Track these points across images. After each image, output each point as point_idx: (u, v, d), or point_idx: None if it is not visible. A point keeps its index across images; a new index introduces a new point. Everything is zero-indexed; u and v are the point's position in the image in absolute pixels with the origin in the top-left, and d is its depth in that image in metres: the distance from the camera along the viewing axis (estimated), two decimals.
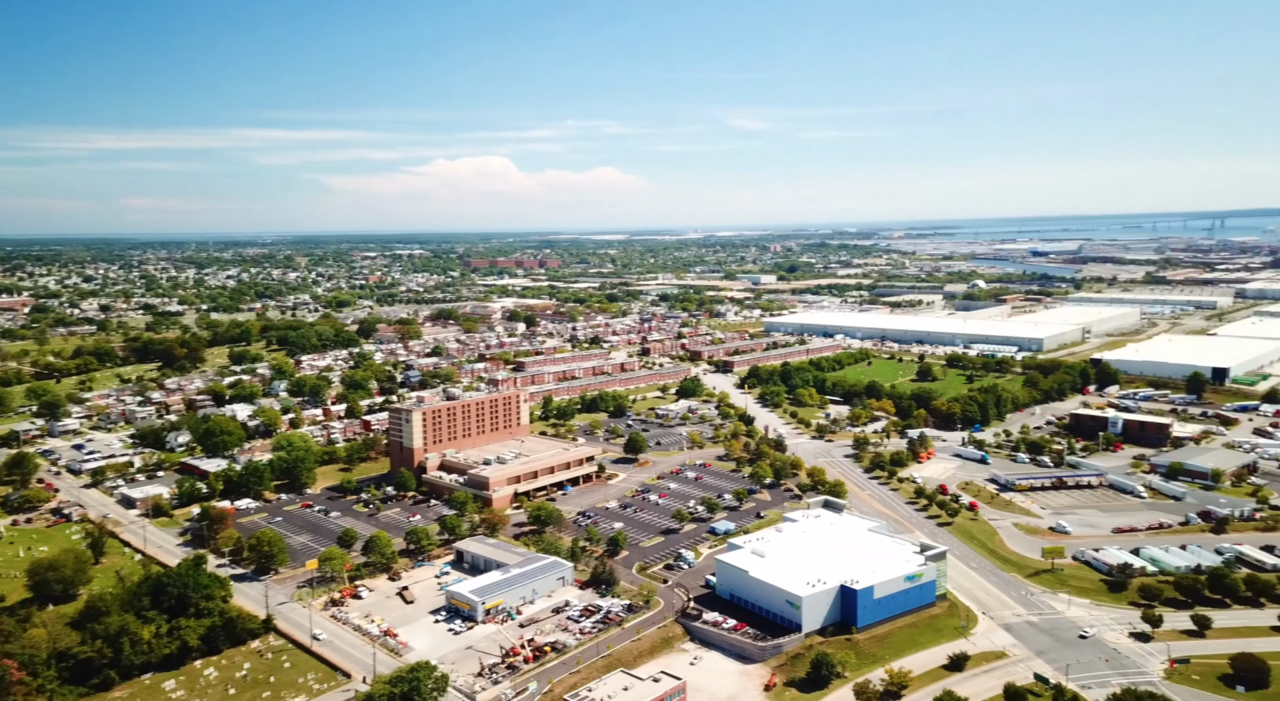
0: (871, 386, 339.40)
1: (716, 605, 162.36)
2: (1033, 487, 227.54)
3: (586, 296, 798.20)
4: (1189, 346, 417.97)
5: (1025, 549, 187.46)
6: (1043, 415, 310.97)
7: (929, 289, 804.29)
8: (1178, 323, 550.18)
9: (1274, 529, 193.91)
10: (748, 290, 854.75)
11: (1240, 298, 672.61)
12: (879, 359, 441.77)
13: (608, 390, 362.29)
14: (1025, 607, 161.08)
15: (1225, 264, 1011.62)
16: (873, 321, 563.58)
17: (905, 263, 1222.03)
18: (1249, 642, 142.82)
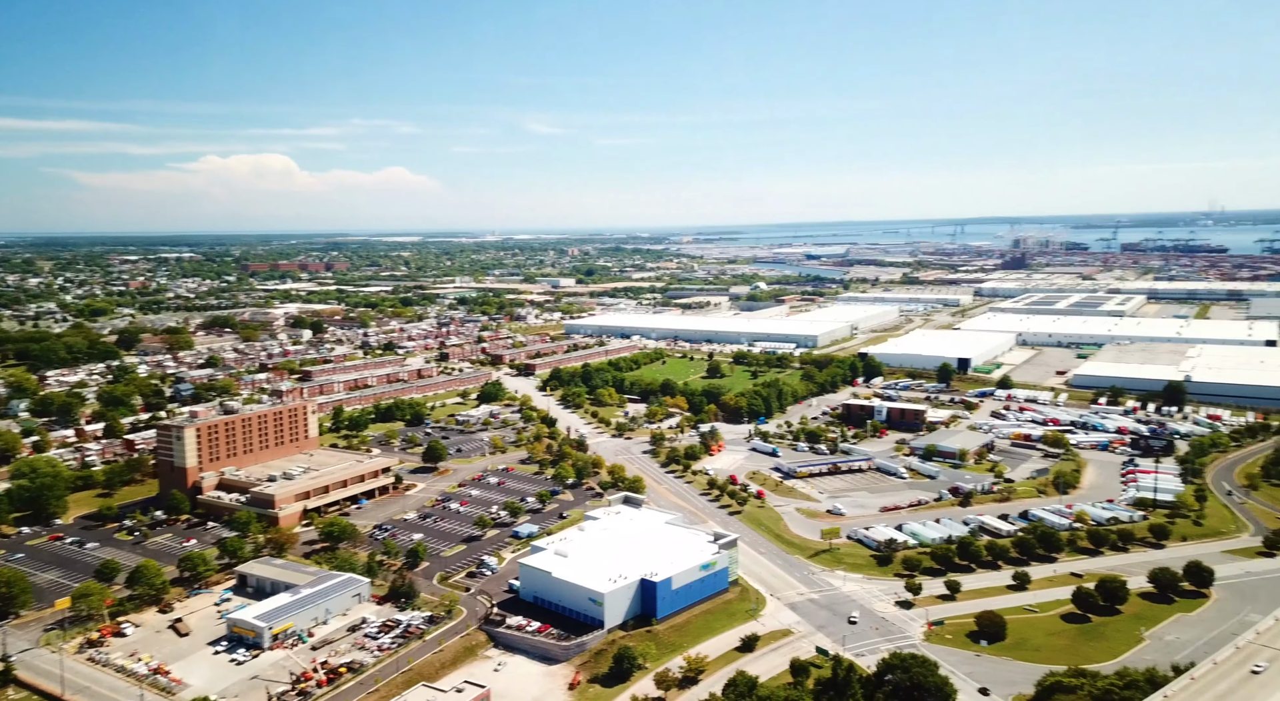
0: (666, 384, 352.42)
1: (521, 609, 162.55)
2: (812, 474, 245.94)
3: (379, 300, 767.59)
4: (938, 340, 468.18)
5: (806, 531, 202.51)
6: (819, 406, 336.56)
7: (716, 291, 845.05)
8: (929, 319, 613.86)
9: (1008, 500, 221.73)
10: (548, 293, 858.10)
11: (978, 296, 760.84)
12: (673, 358, 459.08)
13: (404, 398, 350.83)
14: (808, 586, 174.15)
15: (966, 266, 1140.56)
16: (666, 322, 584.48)
17: (694, 266, 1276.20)
18: (990, 601, 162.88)
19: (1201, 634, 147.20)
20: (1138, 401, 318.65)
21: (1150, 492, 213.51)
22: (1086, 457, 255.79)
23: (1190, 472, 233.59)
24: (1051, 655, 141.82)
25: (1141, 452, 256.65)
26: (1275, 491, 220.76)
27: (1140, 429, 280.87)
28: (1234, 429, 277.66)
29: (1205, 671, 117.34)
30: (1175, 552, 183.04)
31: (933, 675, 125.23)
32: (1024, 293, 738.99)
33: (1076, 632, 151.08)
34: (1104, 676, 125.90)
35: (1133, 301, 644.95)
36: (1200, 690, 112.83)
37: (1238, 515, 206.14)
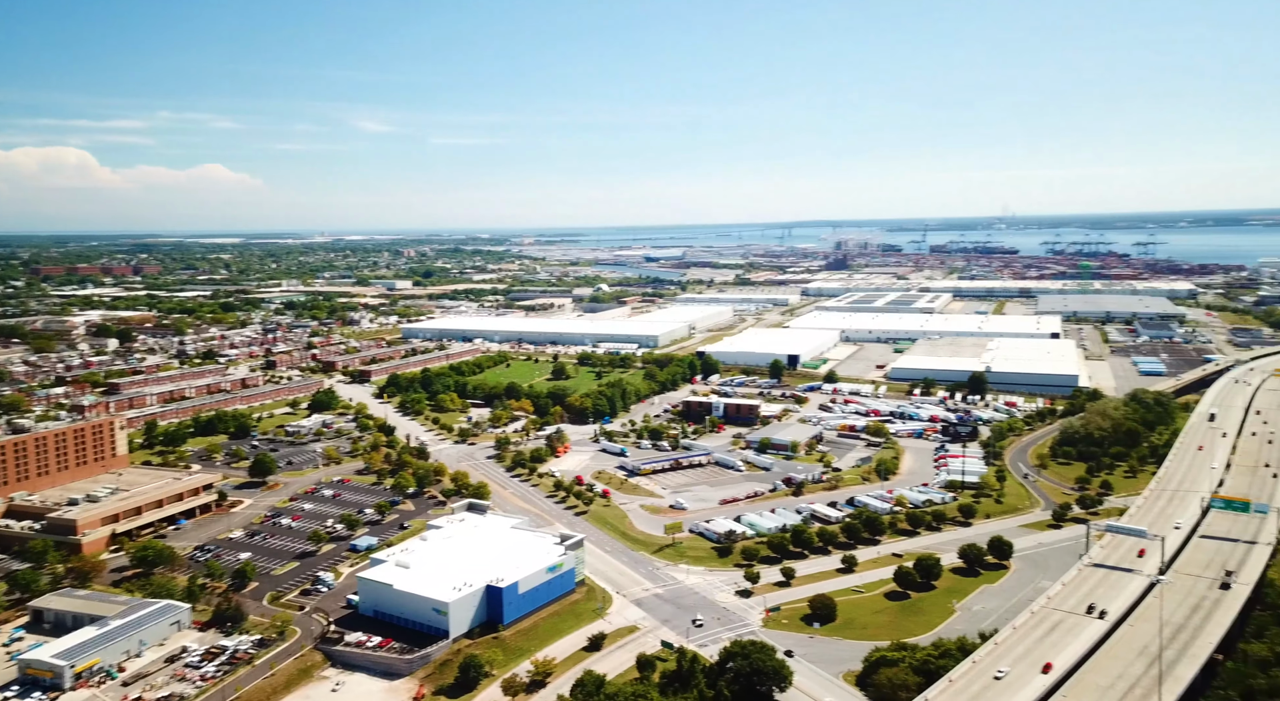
0: (511, 387, 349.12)
1: (361, 624, 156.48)
2: (655, 471, 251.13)
3: (196, 306, 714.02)
4: (770, 338, 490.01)
5: (651, 527, 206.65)
6: (661, 404, 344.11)
7: (559, 292, 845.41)
8: (761, 318, 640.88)
9: (836, 487, 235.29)
10: (383, 296, 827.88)
11: (805, 295, 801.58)
12: (517, 360, 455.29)
13: (227, 409, 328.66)
14: (653, 582, 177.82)
15: (794, 267, 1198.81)
16: (509, 325, 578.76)
17: (537, 268, 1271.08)
18: (822, 585, 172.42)
19: (1003, 602, 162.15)
20: (947, 391, 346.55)
21: (959, 475, 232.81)
22: (904, 445, 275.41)
23: (992, 455, 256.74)
24: (877, 632, 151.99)
25: (951, 439, 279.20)
26: (1061, 469, 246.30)
27: (949, 417, 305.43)
28: (1027, 414, 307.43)
29: (1006, 636, 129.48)
30: (981, 529, 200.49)
31: (771, 659, 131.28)
32: (846, 292, 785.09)
33: (898, 609, 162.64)
34: (922, 648, 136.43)
35: (941, 299, 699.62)
36: (1002, 653, 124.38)
37: (1031, 492, 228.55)
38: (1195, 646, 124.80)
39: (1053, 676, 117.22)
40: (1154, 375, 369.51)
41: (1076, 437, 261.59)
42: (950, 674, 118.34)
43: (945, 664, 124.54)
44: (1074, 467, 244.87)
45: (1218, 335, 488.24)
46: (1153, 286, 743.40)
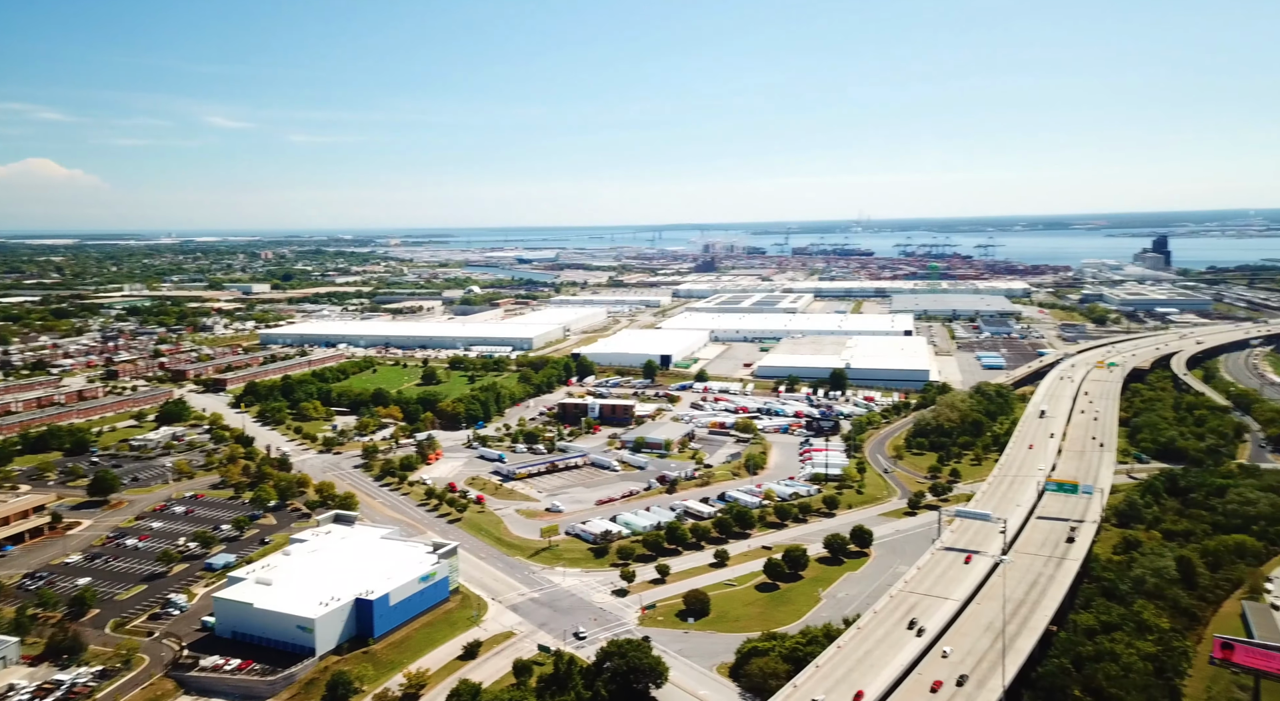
0: (378, 394, 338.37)
1: (218, 647, 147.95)
2: (531, 475, 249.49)
3: (23, 312, 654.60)
4: (643, 339, 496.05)
5: (527, 532, 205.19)
6: (536, 407, 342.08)
7: (428, 295, 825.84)
8: (634, 319, 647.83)
9: (708, 484, 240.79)
10: (238, 300, 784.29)
11: (676, 296, 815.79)
12: (384, 366, 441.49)
13: (61, 424, 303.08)
14: (529, 586, 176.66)
15: (664, 269, 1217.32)
16: (376, 329, 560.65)
17: (404, 270, 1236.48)
18: (696, 580, 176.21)
19: (865, 588, 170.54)
20: (810, 387, 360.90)
21: (823, 468, 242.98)
22: (772, 440, 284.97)
23: (853, 448, 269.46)
24: (748, 623, 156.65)
25: (815, 433, 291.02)
26: (916, 459, 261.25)
27: (813, 412, 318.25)
28: (884, 408, 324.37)
29: (868, 620, 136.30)
30: (844, 519, 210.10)
31: (647, 657, 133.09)
32: (715, 293, 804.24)
33: (768, 600, 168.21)
34: (791, 636, 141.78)
35: (803, 299, 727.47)
36: (864, 637, 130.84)
37: (889, 482, 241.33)
38: (1034, 619, 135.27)
39: (907, 655, 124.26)
40: (995, 369, 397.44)
41: (929, 429, 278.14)
42: (817, 660, 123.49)
43: (813, 650, 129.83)
44: (927, 457, 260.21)
45: (1049, 330, 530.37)
46: (993, 286, 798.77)
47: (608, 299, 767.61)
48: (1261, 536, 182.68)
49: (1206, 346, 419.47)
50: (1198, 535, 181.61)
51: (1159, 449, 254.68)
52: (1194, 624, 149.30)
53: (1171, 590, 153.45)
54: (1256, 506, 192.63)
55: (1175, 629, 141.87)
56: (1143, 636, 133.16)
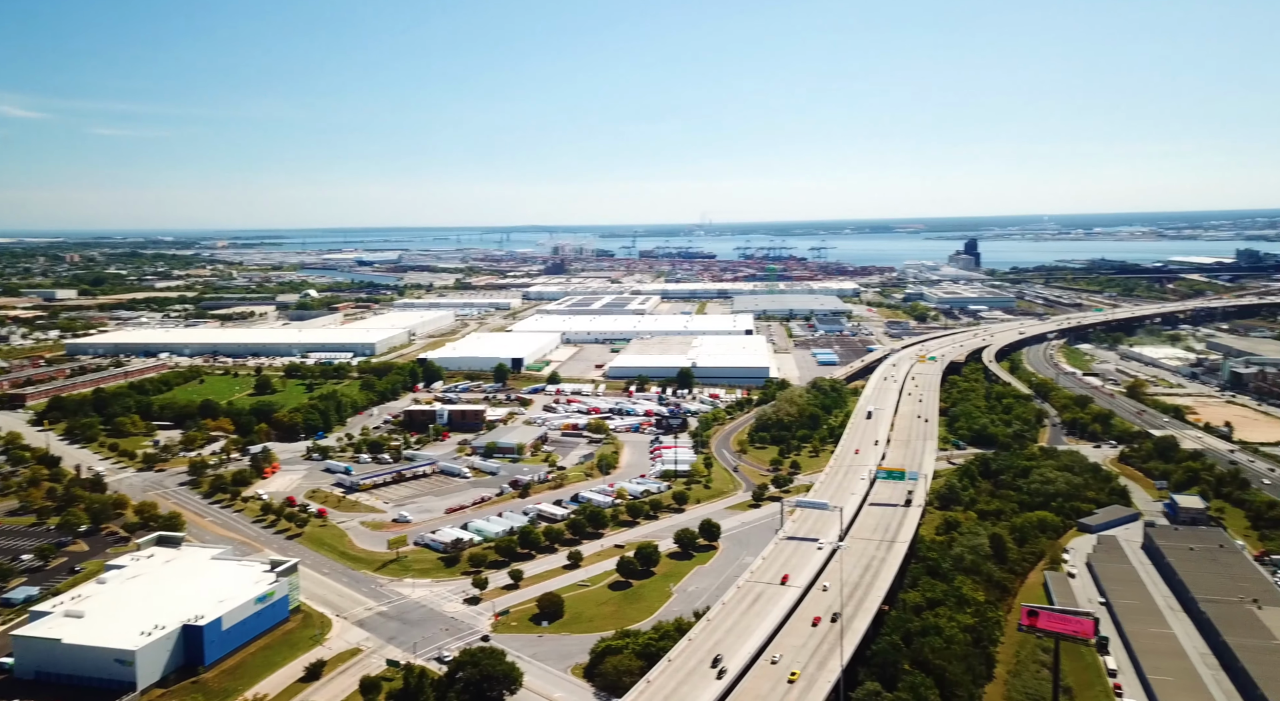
0: (206, 405, 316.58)
1: (18, 691, 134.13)
2: (376, 485, 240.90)
3: None
4: (493, 342, 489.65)
5: (373, 544, 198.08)
6: (380, 415, 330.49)
7: (261, 300, 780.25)
8: (483, 322, 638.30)
9: (562, 486, 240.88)
10: (39, 308, 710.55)
11: (526, 299, 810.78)
12: (212, 375, 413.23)
13: None
14: (376, 600, 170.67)
15: (514, 271, 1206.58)
16: (202, 336, 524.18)
17: (233, 273, 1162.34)
18: (550, 583, 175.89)
19: (714, 580, 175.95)
20: (659, 387, 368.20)
21: (672, 465, 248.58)
22: (623, 440, 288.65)
23: (700, 444, 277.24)
24: (603, 622, 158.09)
25: (664, 431, 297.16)
26: (759, 453, 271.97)
27: (662, 410, 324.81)
28: (728, 404, 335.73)
29: (717, 612, 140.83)
30: (693, 514, 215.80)
31: (500, 664, 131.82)
32: (565, 295, 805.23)
33: (621, 598, 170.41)
34: (644, 633, 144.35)
35: (651, 301, 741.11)
36: (714, 628, 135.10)
37: (734, 476, 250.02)
38: (868, 601, 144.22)
39: (755, 642, 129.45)
40: (829, 365, 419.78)
41: (770, 423, 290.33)
42: (669, 654, 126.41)
43: (665, 645, 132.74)
44: (769, 451, 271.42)
45: (877, 328, 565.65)
46: (826, 286, 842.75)
47: (455, 302, 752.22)
48: (1060, 512, 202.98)
49: (1012, 340, 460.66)
50: (1007, 513, 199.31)
51: (974, 435, 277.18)
52: (1005, 595, 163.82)
53: (986, 565, 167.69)
54: (1055, 485, 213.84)
55: (990, 601, 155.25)
56: (962, 609, 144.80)
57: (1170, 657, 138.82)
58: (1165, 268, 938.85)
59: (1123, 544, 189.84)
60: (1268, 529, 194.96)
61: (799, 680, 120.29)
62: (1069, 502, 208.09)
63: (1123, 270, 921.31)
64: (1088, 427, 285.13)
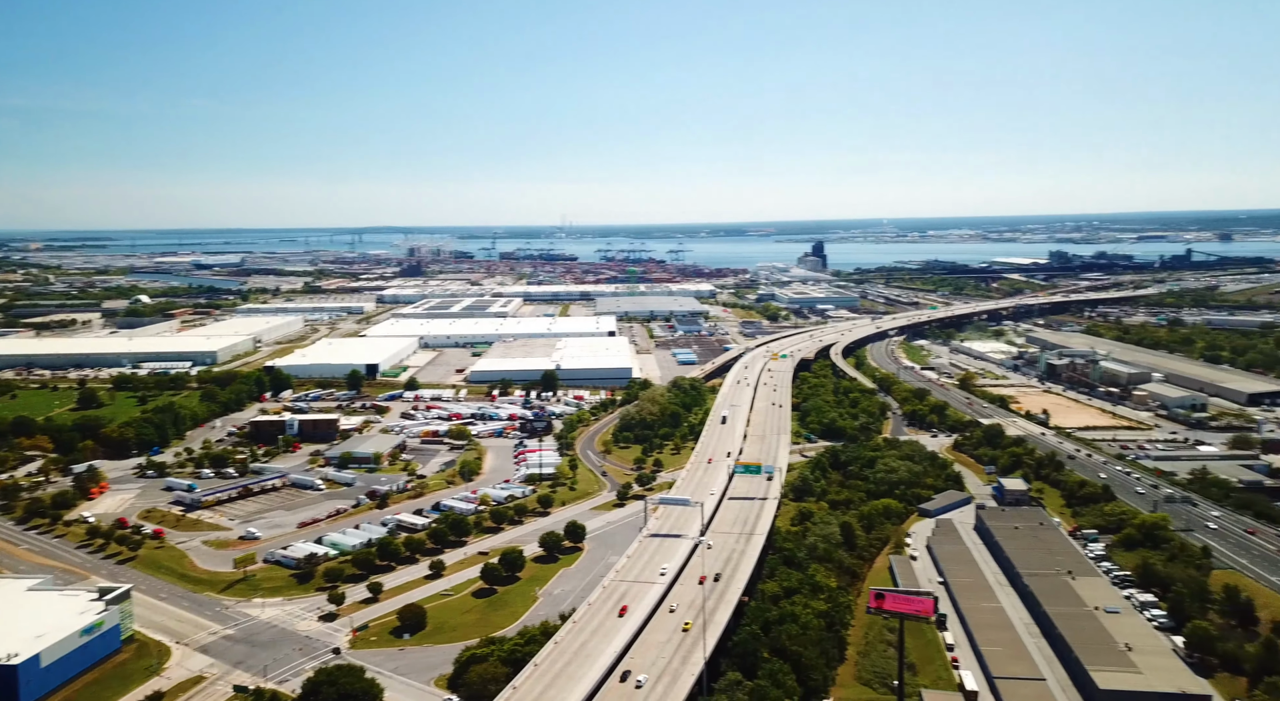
0: (20, 422, 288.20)
1: None
2: (220, 501, 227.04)
3: None
4: (346, 347, 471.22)
5: (217, 564, 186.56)
6: (224, 427, 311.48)
7: (84, 306, 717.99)
8: (335, 327, 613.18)
9: (422, 494, 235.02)
10: None
11: (381, 302, 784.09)
12: (27, 389, 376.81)
13: None
14: (221, 623, 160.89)
15: (367, 273, 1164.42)
16: (14, 347, 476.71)
17: (50, 278, 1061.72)
18: (411, 595, 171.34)
19: (580, 582, 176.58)
20: (523, 390, 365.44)
21: (537, 469, 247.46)
22: (486, 445, 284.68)
23: (565, 446, 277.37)
24: (467, 631, 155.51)
25: (529, 435, 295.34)
26: (623, 453, 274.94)
27: (526, 414, 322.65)
28: (593, 405, 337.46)
29: (582, 613, 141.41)
30: (559, 516, 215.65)
31: (359, 680, 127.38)
32: (423, 298, 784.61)
33: (486, 605, 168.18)
34: (510, 639, 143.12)
35: (513, 303, 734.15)
36: (579, 630, 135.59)
37: (599, 477, 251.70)
38: (729, 593, 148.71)
39: (620, 642, 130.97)
40: (689, 364, 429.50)
41: (633, 423, 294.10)
42: (535, 658, 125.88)
43: (531, 650, 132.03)
44: (632, 450, 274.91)
45: (732, 328, 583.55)
46: (684, 288, 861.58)
47: (304, 306, 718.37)
48: (902, 498, 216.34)
49: (857, 337, 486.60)
50: (856, 502, 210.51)
51: (823, 428, 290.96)
52: (855, 580, 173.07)
53: (837, 553, 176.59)
54: (898, 473, 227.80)
55: (841, 586, 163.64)
56: (816, 596, 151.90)
57: (999, 629, 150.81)
58: (990, 268, 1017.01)
59: (958, 526, 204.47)
60: (1079, 506, 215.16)
61: (664, 676, 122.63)
62: (911, 489, 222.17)
63: (953, 271, 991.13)
64: (925, 418, 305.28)
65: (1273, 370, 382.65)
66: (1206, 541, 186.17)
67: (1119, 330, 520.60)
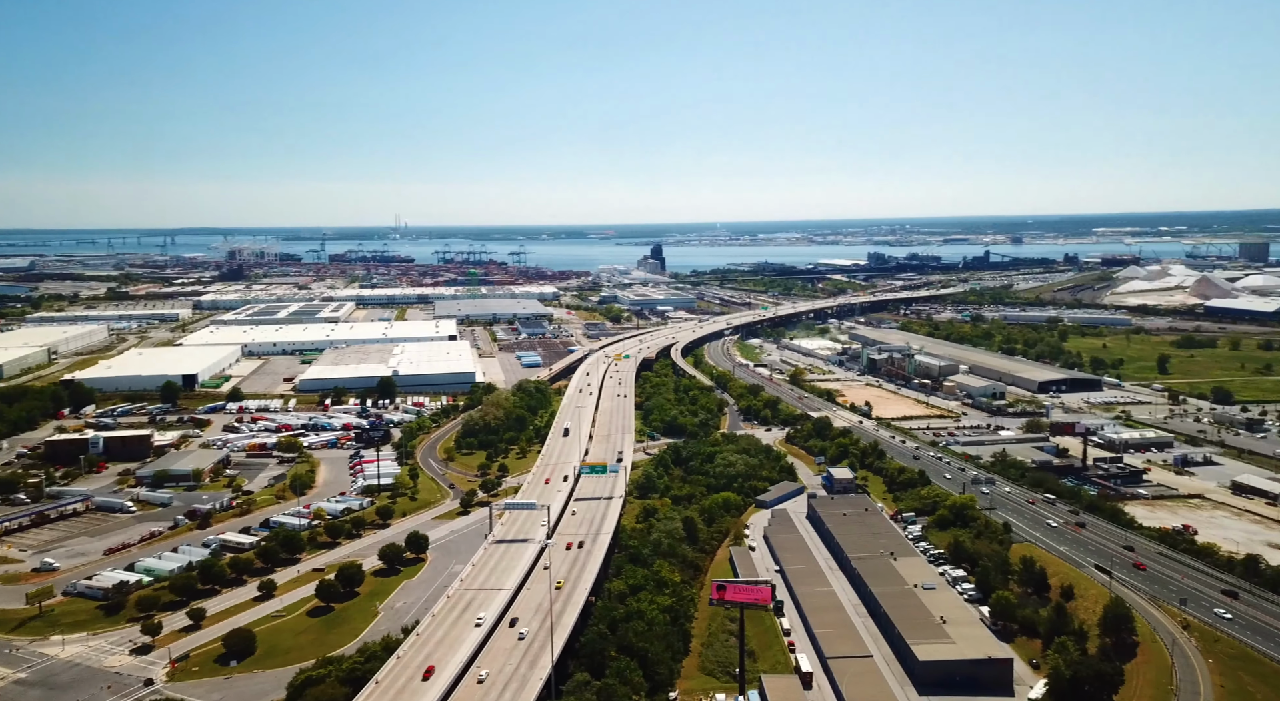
0: None
1: None
2: (9, 531, 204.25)
3: None
4: (159, 357, 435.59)
5: (6, 601, 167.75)
6: (13, 448, 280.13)
7: None
8: (145, 336, 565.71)
9: (249, 511, 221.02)
10: None
11: (199, 308, 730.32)
12: None
13: None
14: (12, 666, 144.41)
15: (182, 278, 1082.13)
16: None
17: None
18: (238, 619, 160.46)
19: (424, 593, 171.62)
20: (359, 398, 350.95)
21: (375, 480, 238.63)
22: (320, 457, 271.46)
23: (405, 455, 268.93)
24: (302, 653, 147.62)
25: (365, 444, 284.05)
26: (466, 459, 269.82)
27: (362, 423, 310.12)
28: (434, 412, 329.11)
29: (427, 624, 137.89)
30: (399, 528, 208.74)
31: None
32: (246, 303, 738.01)
33: (322, 624, 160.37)
34: (349, 657, 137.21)
35: (345, 307, 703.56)
36: (424, 642, 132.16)
37: (441, 485, 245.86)
38: (576, 595, 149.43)
39: (466, 651, 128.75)
40: (533, 367, 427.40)
41: (477, 428, 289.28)
42: (377, 675, 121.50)
43: (372, 667, 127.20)
44: (476, 456, 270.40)
45: (576, 329, 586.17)
46: (527, 290, 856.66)
47: (109, 314, 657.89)
48: (741, 491, 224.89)
49: (696, 337, 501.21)
50: (697, 497, 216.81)
51: (666, 426, 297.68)
52: (698, 573, 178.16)
53: (680, 548, 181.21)
54: (736, 467, 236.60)
55: (685, 580, 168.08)
56: (661, 592, 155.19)
57: (831, 612, 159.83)
58: (816, 269, 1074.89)
59: (792, 515, 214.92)
60: (899, 491, 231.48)
61: (511, 682, 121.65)
62: (748, 482, 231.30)
63: (783, 272, 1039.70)
64: (760, 413, 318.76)
65: (1058, 360, 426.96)
66: (1007, 518, 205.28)
67: (930, 326, 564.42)
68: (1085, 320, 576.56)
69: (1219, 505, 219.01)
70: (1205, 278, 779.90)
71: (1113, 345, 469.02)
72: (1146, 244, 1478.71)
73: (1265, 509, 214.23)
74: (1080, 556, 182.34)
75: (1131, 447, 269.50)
